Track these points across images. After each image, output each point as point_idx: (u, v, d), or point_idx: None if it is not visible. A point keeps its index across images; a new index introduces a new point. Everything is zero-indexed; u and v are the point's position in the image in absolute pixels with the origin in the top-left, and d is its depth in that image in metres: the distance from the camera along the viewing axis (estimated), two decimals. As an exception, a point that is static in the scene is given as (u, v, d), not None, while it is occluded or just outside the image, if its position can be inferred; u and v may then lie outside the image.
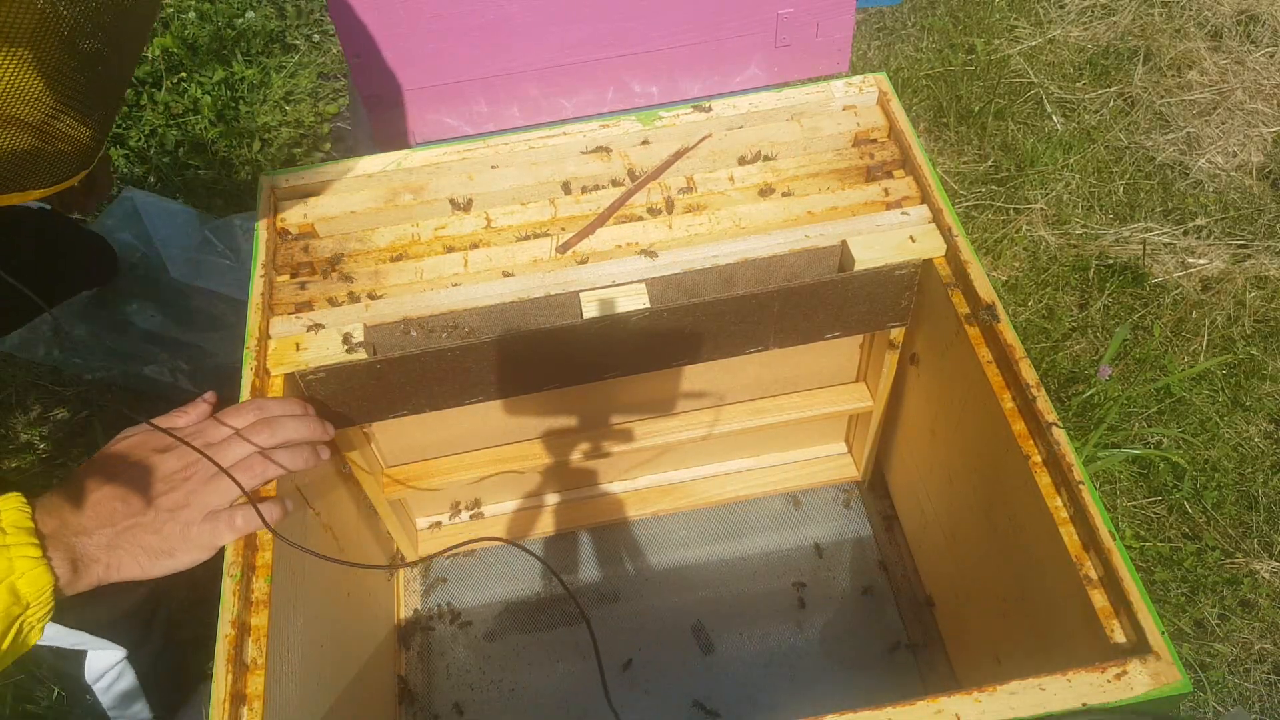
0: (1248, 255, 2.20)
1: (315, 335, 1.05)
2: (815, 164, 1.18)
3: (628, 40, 1.28)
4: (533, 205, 1.17)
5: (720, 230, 1.12)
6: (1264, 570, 1.73)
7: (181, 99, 2.66)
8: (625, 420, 1.37)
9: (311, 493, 1.10)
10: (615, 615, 1.46)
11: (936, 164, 2.45)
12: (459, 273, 1.10)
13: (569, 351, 1.10)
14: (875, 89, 1.24)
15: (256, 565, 0.92)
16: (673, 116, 1.21)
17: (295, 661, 0.95)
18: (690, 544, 1.53)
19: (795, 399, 1.38)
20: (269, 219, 1.16)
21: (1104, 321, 2.10)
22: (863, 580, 1.47)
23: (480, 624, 1.47)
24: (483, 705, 1.39)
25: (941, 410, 1.19)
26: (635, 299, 1.07)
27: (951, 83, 2.62)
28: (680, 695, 1.38)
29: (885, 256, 1.08)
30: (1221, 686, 1.64)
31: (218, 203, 2.45)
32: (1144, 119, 2.50)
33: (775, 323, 1.13)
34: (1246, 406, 1.94)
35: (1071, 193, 2.35)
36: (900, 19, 2.85)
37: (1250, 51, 2.63)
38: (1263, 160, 2.39)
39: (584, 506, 1.54)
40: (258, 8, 2.89)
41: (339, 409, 1.11)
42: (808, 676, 1.38)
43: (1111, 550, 0.86)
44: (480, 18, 1.22)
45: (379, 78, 1.26)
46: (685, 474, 1.56)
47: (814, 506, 1.55)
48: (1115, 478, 1.86)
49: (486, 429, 1.33)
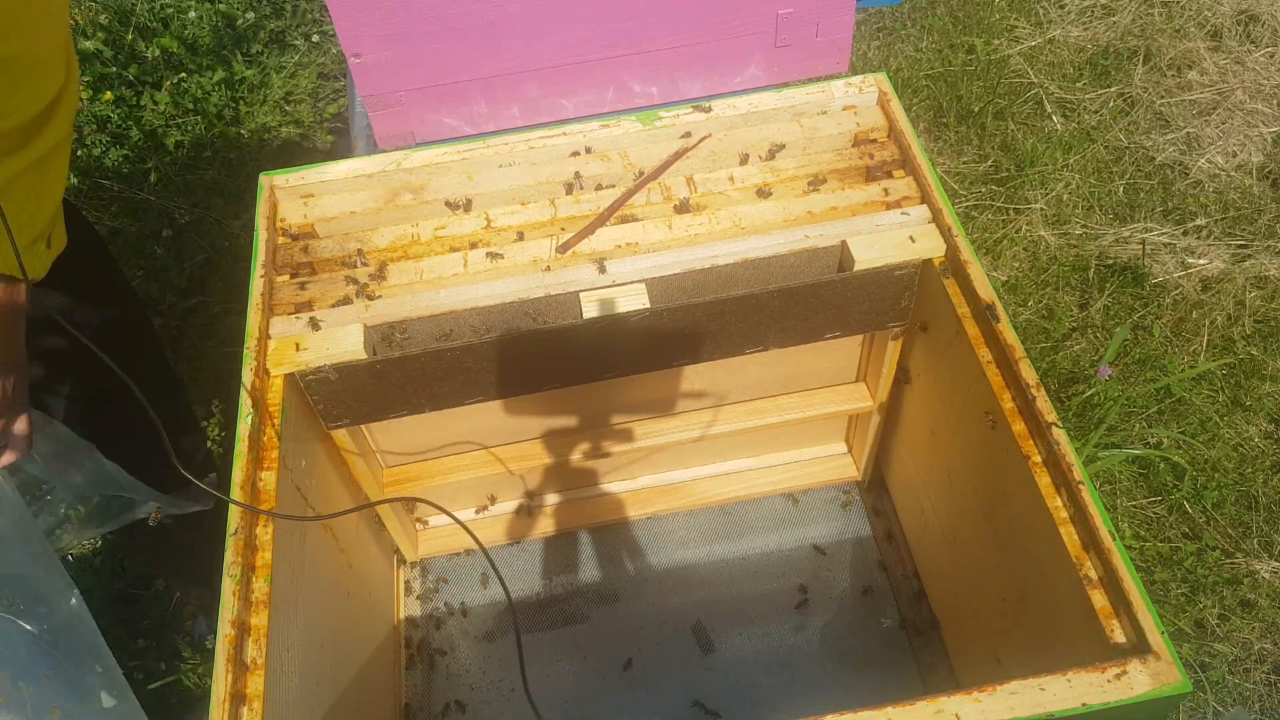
0: (1248, 255, 2.20)
1: (315, 335, 1.05)
2: (815, 164, 1.18)
3: (628, 40, 1.28)
4: (533, 205, 1.17)
5: (720, 230, 1.12)
6: (1264, 570, 1.73)
7: (181, 99, 2.66)
8: (625, 420, 1.37)
9: (312, 493, 1.10)
10: (615, 615, 1.46)
11: (936, 164, 2.45)
12: (459, 273, 1.10)
13: (569, 351, 1.10)
14: (875, 89, 1.24)
15: (256, 565, 0.92)
16: (673, 116, 1.21)
17: (295, 661, 0.95)
18: (690, 544, 1.53)
19: (795, 399, 1.38)
20: (269, 219, 1.16)
21: (1104, 321, 2.10)
22: (863, 580, 1.47)
23: (480, 624, 1.47)
24: (483, 705, 1.39)
25: (941, 410, 1.19)
26: (635, 299, 1.07)
27: (951, 83, 2.62)
28: (680, 695, 1.38)
29: (885, 256, 1.08)
30: (1221, 686, 1.64)
31: (218, 202, 2.45)
32: (1144, 119, 2.50)
33: (775, 323, 1.13)
34: (1246, 406, 1.94)
35: (1071, 193, 2.35)
36: (900, 19, 2.85)
37: (1250, 51, 2.63)
38: (1263, 160, 2.39)
39: (584, 506, 1.54)
40: (258, 8, 2.89)
41: (339, 409, 1.11)
42: (808, 676, 1.38)
43: (1111, 550, 0.86)
44: (480, 18, 1.22)
45: (379, 78, 1.26)
46: (685, 474, 1.56)
47: (814, 507, 1.55)
48: (1115, 478, 1.86)
49: (486, 429, 1.33)
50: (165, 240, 2.38)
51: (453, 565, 1.52)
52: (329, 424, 1.13)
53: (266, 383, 1.03)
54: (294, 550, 1.00)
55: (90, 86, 2.63)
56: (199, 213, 2.44)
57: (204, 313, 2.26)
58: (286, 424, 1.02)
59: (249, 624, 0.88)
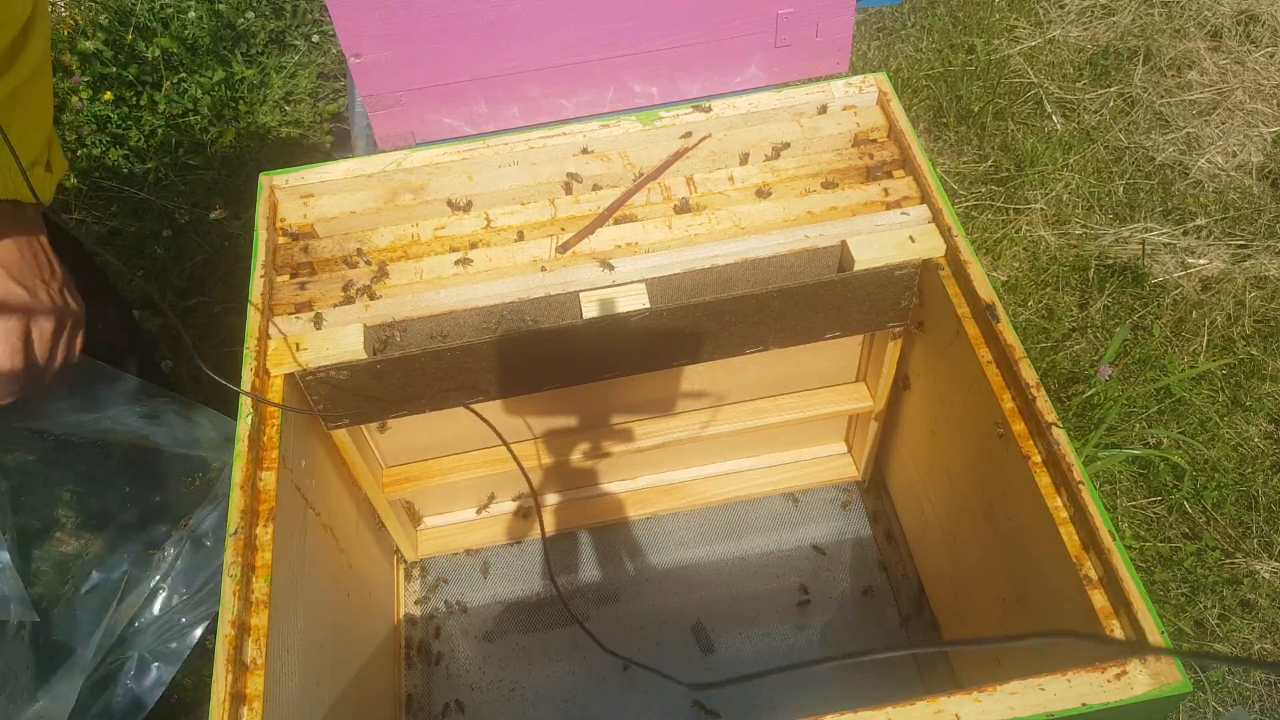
0: (1248, 255, 2.20)
1: (315, 335, 1.05)
2: (815, 164, 1.18)
3: (628, 40, 1.28)
4: (533, 205, 1.17)
5: (720, 230, 1.12)
6: (1264, 570, 1.73)
7: (181, 99, 2.66)
8: (625, 420, 1.37)
9: (312, 493, 1.10)
10: (615, 615, 1.46)
11: (936, 164, 2.45)
12: (459, 273, 1.10)
13: (569, 351, 1.10)
14: (875, 89, 1.24)
15: (256, 565, 0.92)
16: (673, 116, 1.21)
17: (295, 661, 0.95)
18: (690, 544, 1.53)
19: (795, 399, 1.38)
20: (269, 219, 1.16)
21: (1104, 321, 2.10)
22: (863, 580, 1.47)
23: (480, 624, 1.47)
24: (483, 705, 1.39)
25: (941, 410, 1.19)
26: (635, 299, 1.07)
27: (951, 83, 2.62)
28: (680, 695, 1.38)
29: (885, 257, 1.08)
30: (1221, 686, 1.64)
31: (217, 202, 2.45)
32: (1144, 119, 2.50)
33: (775, 323, 1.13)
34: (1246, 407, 1.94)
35: (1071, 193, 2.35)
36: (900, 19, 2.85)
37: (1250, 51, 2.63)
38: (1263, 160, 2.39)
39: (584, 506, 1.54)
40: (258, 8, 2.89)
41: (339, 409, 1.11)
42: (808, 676, 1.38)
43: (1111, 550, 0.86)
44: (480, 18, 1.22)
45: (379, 78, 1.26)
46: (685, 474, 1.56)
47: (813, 506, 1.55)
48: (1115, 478, 1.86)
49: (487, 429, 1.33)
50: (165, 240, 2.38)
51: (453, 565, 1.53)
52: (329, 424, 1.13)
53: (266, 383, 1.03)
54: (294, 550, 1.00)
55: (90, 86, 2.63)
56: (199, 213, 2.44)
57: (204, 313, 2.26)
58: (286, 424, 1.02)
59: (249, 624, 0.88)
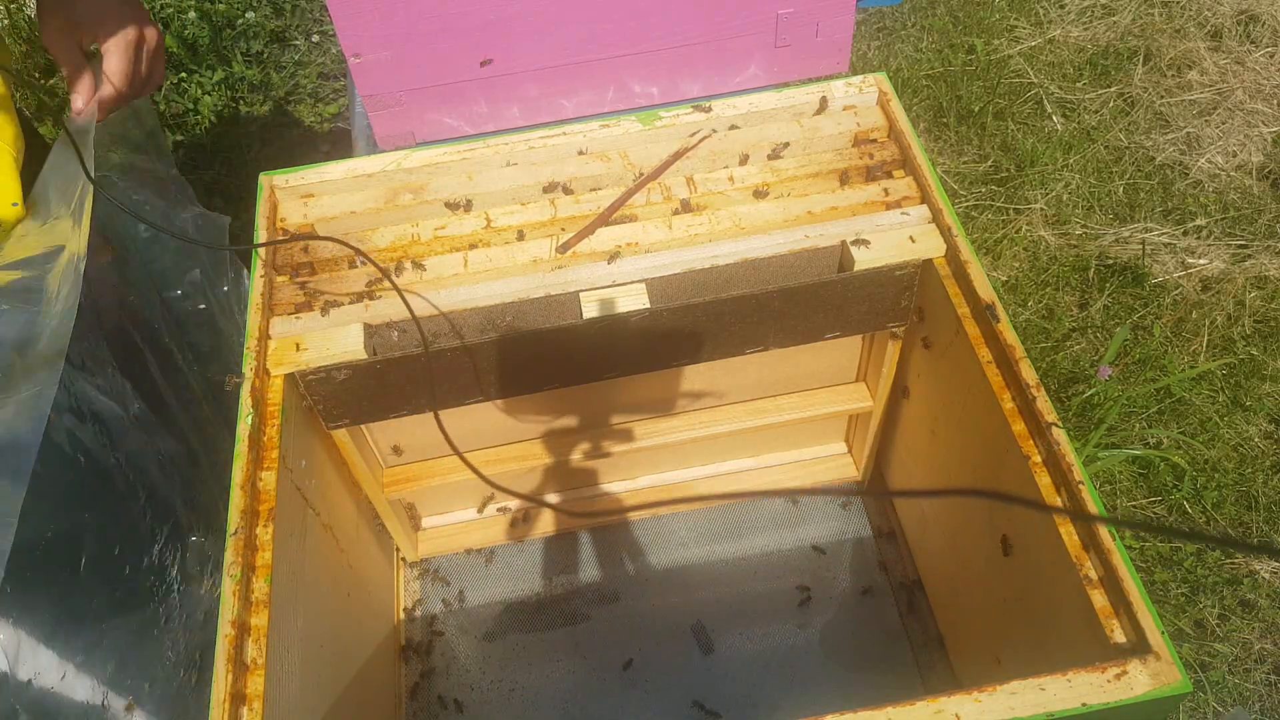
0: (1248, 255, 2.20)
1: (315, 335, 1.05)
2: (815, 164, 1.18)
3: (628, 40, 1.28)
4: (533, 205, 1.17)
5: (720, 230, 1.12)
6: (1264, 570, 1.73)
7: (181, 99, 2.66)
8: (625, 420, 1.37)
9: (312, 493, 1.10)
10: (615, 615, 1.46)
11: (936, 164, 2.45)
12: (459, 273, 1.10)
13: (569, 351, 1.10)
14: (875, 89, 1.24)
15: (256, 565, 0.92)
16: (673, 116, 1.21)
17: (295, 661, 0.95)
18: (690, 544, 1.53)
19: (795, 399, 1.38)
20: (269, 219, 1.16)
21: (1104, 321, 2.10)
22: (863, 580, 1.47)
23: (480, 624, 1.47)
24: (482, 705, 1.39)
25: (941, 410, 1.19)
26: (635, 299, 1.07)
27: (951, 83, 2.62)
28: (680, 695, 1.38)
29: (885, 257, 1.08)
30: (1221, 686, 1.64)
31: (217, 202, 2.45)
32: (1144, 119, 2.50)
33: (775, 323, 1.13)
34: (1246, 407, 1.94)
35: (1071, 193, 2.35)
36: (900, 19, 2.85)
37: (1250, 51, 2.63)
38: (1263, 160, 2.39)
39: (584, 506, 1.54)
40: (258, 8, 2.89)
41: (339, 409, 1.11)
42: (808, 676, 1.38)
43: (1111, 550, 0.86)
44: (480, 18, 1.22)
45: (379, 78, 1.26)
46: (685, 474, 1.56)
47: (814, 506, 1.55)
48: (1115, 478, 1.86)
49: (487, 429, 1.33)
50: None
51: (453, 565, 1.52)
52: (329, 424, 1.13)
53: (266, 383, 1.03)
54: (294, 550, 1.00)
55: (90, 86, 2.63)
56: (199, 213, 2.43)
57: (204, 313, 2.26)
58: (286, 424, 1.02)
59: (249, 624, 0.88)
